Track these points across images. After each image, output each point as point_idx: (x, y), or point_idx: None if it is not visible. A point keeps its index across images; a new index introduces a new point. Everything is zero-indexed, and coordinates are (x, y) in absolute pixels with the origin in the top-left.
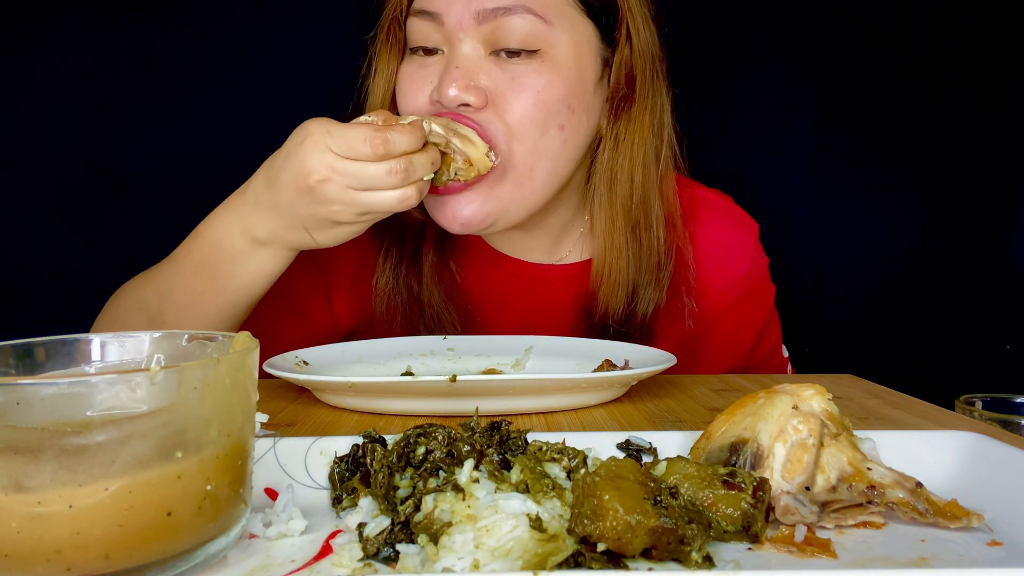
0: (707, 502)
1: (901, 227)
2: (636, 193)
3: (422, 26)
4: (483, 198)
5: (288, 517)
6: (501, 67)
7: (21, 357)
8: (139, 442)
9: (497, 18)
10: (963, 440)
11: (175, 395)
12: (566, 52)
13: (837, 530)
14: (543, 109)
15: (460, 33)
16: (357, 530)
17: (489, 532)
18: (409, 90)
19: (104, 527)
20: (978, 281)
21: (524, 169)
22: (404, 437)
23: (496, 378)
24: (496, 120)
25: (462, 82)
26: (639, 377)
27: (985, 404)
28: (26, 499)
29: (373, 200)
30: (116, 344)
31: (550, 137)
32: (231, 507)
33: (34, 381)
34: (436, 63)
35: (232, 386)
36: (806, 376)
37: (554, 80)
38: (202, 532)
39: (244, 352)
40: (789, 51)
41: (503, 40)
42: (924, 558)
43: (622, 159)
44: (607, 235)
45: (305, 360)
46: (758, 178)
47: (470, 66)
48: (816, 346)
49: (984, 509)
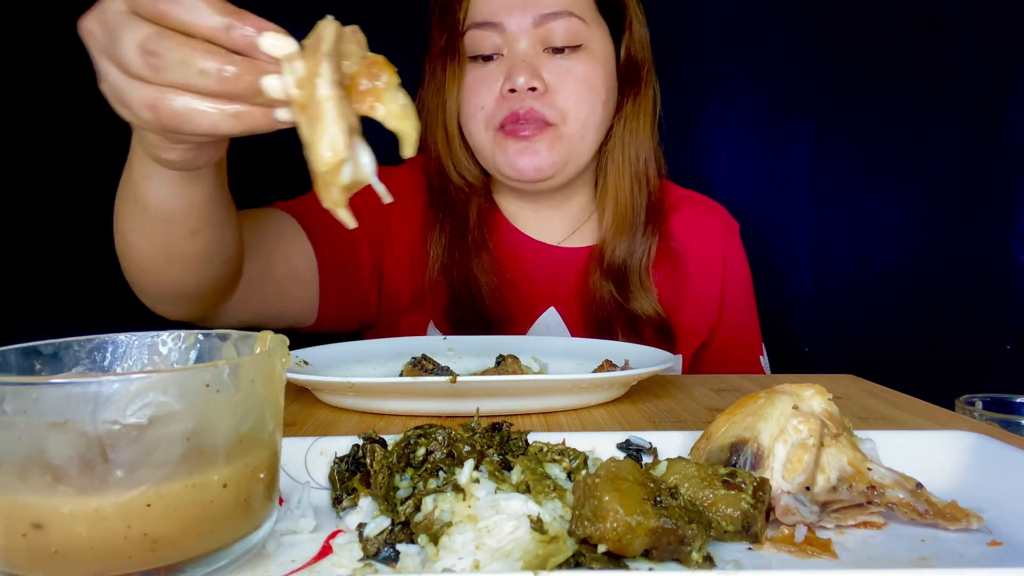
0: (707, 502)
1: (901, 227)
2: (641, 154)
3: (483, 36)
4: (548, 151)
5: (300, 515)
6: (554, 61)
7: (46, 358)
8: (203, 436)
9: (549, 22)
10: (963, 440)
11: (238, 389)
12: (599, 46)
13: (837, 530)
14: (590, 91)
15: (520, 36)
16: (357, 530)
17: (490, 532)
18: (478, 91)
19: (158, 522)
20: (978, 281)
21: (577, 137)
22: (404, 438)
23: (496, 378)
24: (555, 103)
25: (529, 72)
26: (639, 377)
27: (985, 404)
28: (85, 499)
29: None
30: (137, 344)
31: (596, 112)
32: (271, 500)
33: (95, 379)
34: (497, 65)
35: (279, 380)
36: (806, 376)
37: (596, 68)
38: (247, 525)
39: (283, 346)
40: (789, 51)
41: (554, 39)
42: (924, 558)
43: (632, 130)
44: (617, 186)
45: (305, 360)
46: (758, 178)
47: (532, 60)
48: (816, 346)
49: (984, 509)
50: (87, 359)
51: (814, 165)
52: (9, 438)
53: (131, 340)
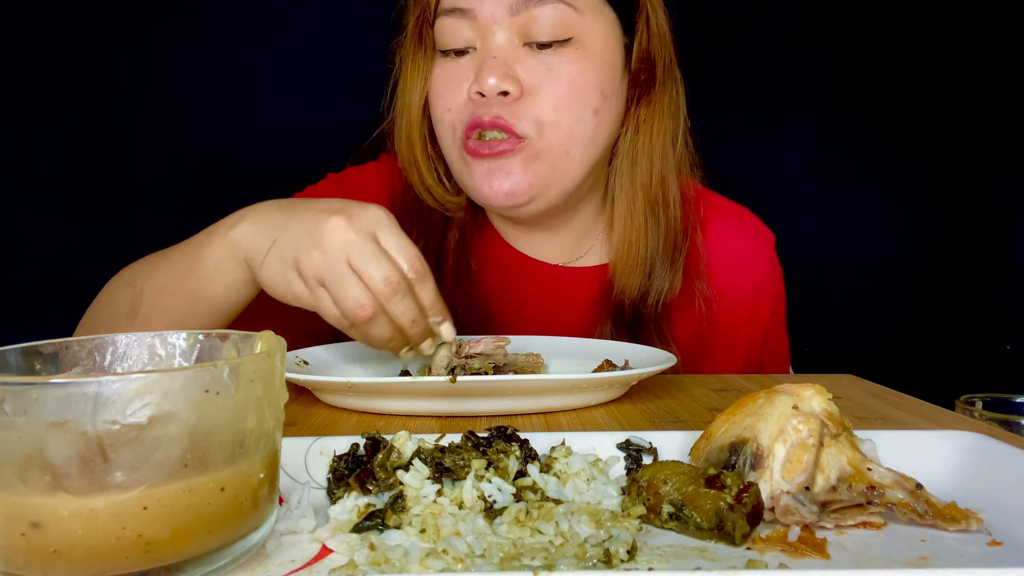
0: (687, 498)
1: (901, 227)
2: (655, 174)
3: (454, 24)
4: (523, 170)
5: (300, 515)
6: (536, 57)
7: (46, 358)
8: (202, 436)
9: (530, 9)
10: (963, 440)
11: (237, 389)
12: (597, 39)
13: (837, 530)
14: (578, 96)
15: (494, 26)
16: (352, 521)
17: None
18: (445, 91)
19: (155, 523)
20: (978, 281)
21: (560, 152)
22: (404, 437)
23: (496, 378)
24: (531, 110)
25: (501, 71)
26: (639, 377)
27: (985, 404)
28: (84, 499)
29: (346, 282)
30: (136, 344)
31: (585, 122)
32: (271, 501)
33: (93, 379)
34: (469, 61)
35: (278, 380)
36: (806, 376)
37: (587, 67)
38: (247, 525)
39: (282, 347)
40: (789, 52)
41: (536, 31)
42: (924, 558)
43: (644, 141)
44: (627, 214)
45: (305, 360)
46: (758, 179)
47: (506, 56)
48: (816, 346)
49: (984, 509)
50: (87, 359)
51: (814, 165)
52: (9, 438)
53: (131, 340)
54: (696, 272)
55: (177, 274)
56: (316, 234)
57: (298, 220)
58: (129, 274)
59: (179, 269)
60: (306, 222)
